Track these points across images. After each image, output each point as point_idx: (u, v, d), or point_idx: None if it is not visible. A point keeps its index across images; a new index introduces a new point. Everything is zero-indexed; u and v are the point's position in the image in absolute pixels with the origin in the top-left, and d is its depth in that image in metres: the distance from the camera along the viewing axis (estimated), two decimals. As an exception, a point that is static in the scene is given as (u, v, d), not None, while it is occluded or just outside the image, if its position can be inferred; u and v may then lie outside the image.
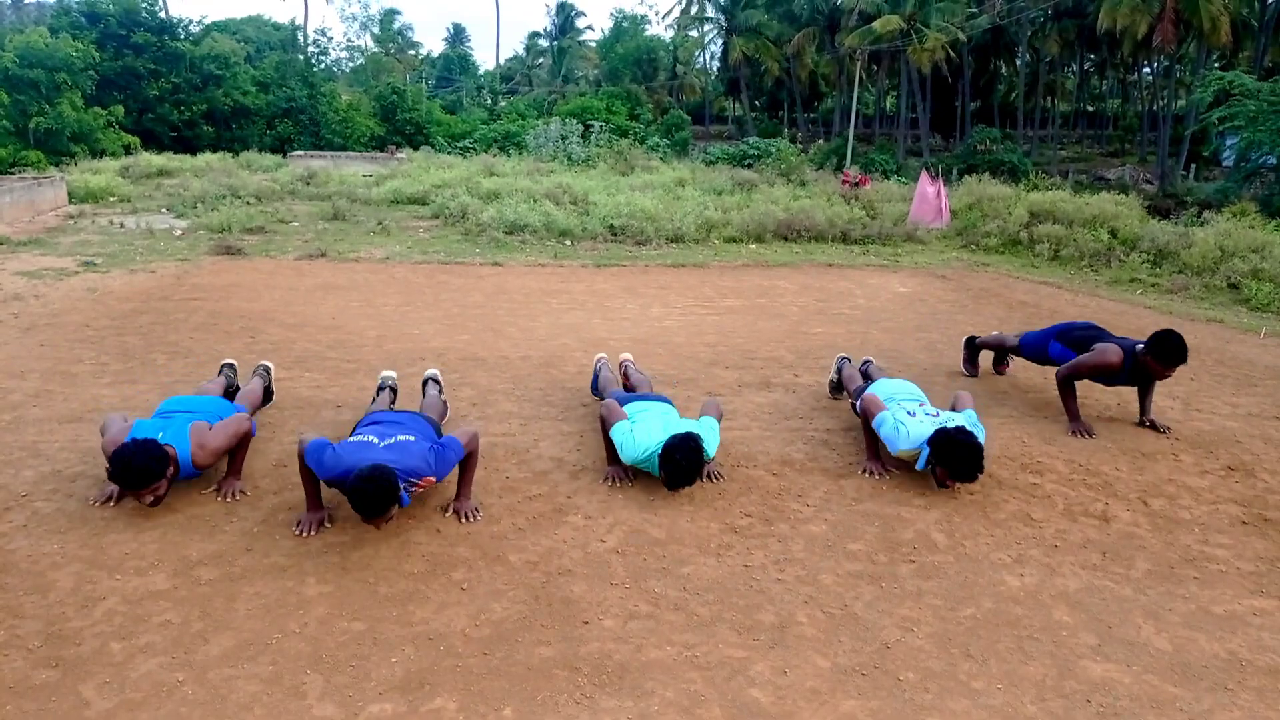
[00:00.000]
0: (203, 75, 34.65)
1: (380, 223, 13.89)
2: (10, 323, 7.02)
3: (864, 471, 4.49)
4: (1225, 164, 37.71)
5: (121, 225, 13.11)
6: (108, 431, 3.89)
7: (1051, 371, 5.62)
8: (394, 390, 5.02)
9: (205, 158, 23.93)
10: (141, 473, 3.54)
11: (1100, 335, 5.34)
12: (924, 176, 15.71)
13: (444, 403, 4.99)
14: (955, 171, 28.34)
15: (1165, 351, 4.82)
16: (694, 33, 61.31)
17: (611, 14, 66.28)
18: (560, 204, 14.95)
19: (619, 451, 4.23)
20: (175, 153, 26.28)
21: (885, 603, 3.29)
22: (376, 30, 69.45)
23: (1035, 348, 5.66)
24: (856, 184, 18.49)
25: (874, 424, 4.46)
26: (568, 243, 12.66)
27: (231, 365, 5.21)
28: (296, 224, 13.73)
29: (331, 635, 2.97)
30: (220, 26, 46.38)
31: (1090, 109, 60.09)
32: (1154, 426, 5.30)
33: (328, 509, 3.78)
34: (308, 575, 3.34)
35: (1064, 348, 5.44)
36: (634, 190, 16.82)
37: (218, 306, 7.83)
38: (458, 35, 74.85)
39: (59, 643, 2.87)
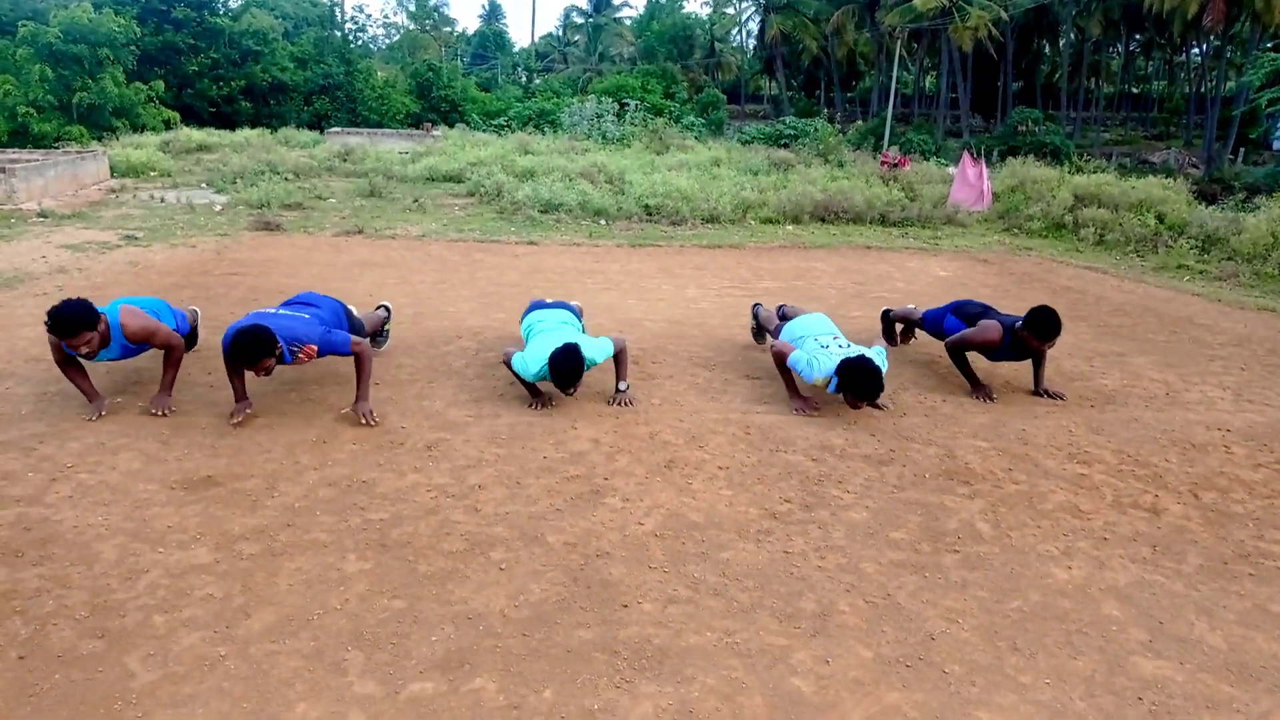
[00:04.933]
0: (241, 51, 34.90)
1: (416, 200, 13.92)
2: (54, 295, 7.10)
3: (795, 410, 5.00)
4: (1276, 148, 36.73)
5: (162, 200, 13.26)
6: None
7: (1099, 357, 5.59)
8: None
9: (244, 133, 24.12)
10: (74, 320, 4.14)
11: (988, 312, 5.58)
12: (965, 158, 15.42)
13: (380, 320, 5.73)
14: (996, 153, 27.85)
15: (1041, 327, 5.10)
16: (730, 10, 60.76)
17: (647, -9, 65.66)
18: (595, 183, 14.88)
19: (520, 375, 4.84)
20: (214, 128, 26.48)
21: (929, 593, 3.23)
22: (412, 7, 69.46)
23: (934, 322, 5.93)
24: (895, 165, 18.21)
25: (789, 363, 5.00)
26: (603, 222, 12.60)
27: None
28: (334, 200, 13.80)
29: (372, 612, 2.97)
30: (259, 2, 46.58)
31: (1135, 90, 58.78)
32: (1049, 394, 5.49)
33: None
34: (348, 552, 3.35)
35: (958, 321, 5.67)
36: (669, 170, 16.69)
37: (257, 282, 7.88)
38: (493, 12, 74.60)
39: (104, 614, 2.90)
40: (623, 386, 5.11)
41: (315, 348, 4.45)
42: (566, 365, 4.59)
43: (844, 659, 2.83)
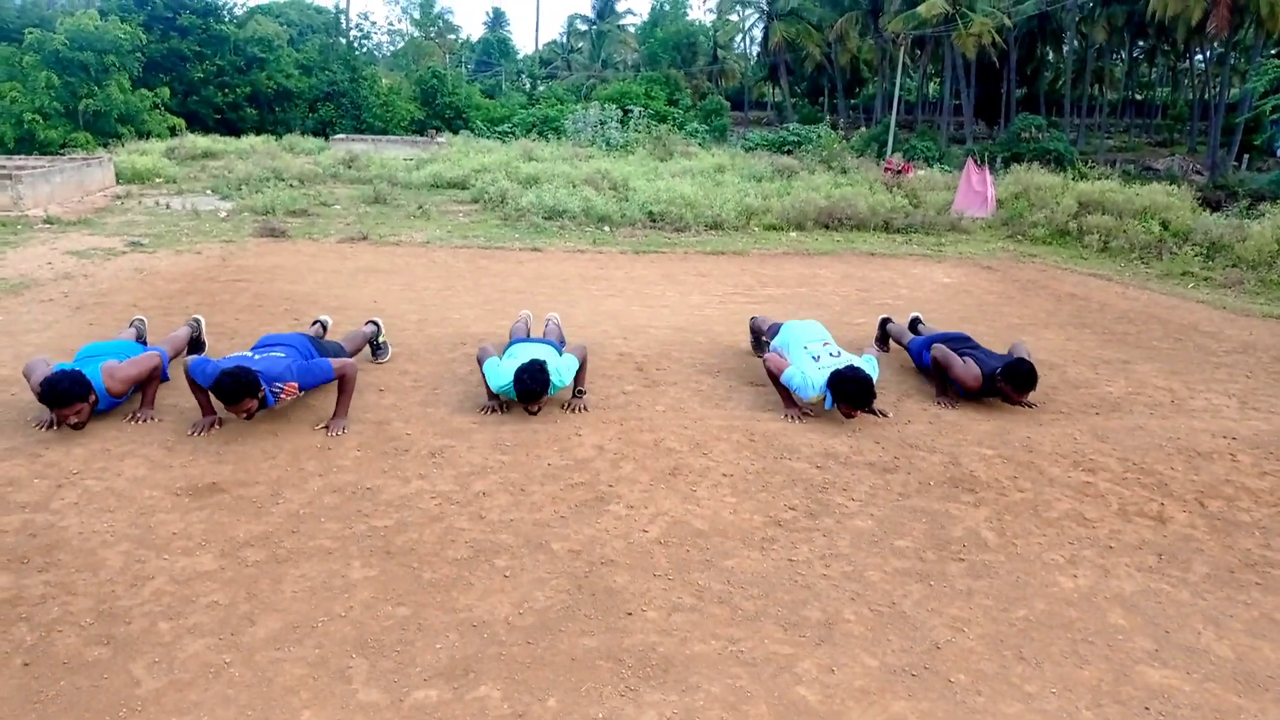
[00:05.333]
0: (247, 58, 34.98)
1: (420, 207, 13.94)
2: (60, 301, 7.14)
3: (786, 417, 5.03)
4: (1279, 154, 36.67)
5: (167, 206, 13.29)
6: (33, 372, 4.45)
7: (1104, 365, 5.59)
8: (325, 327, 5.88)
9: (249, 140, 24.13)
10: (66, 394, 4.19)
11: (971, 347, 5.62)
12: (970, 164, 15.41)
13: (365, 337, 5.66)
14: (999, 159, 27.84)
15: (1017, 381, 5.14)
16: (734, 17, 60.81)
17: (651, -2, 65.90)
18: (599, 189, 14.88)
19: (488, 381, 4.86)
20: (220, 135, 26.53)
21: (935, 602, 3.22)
22: (417, 14, 69.68)
23: (916, 352, 5.91)
24: (899, 172, 18.21)
25: (783, 380, 5.04)
26: (606, 229, 12.62)
27: (141, 320, 5.81)
28: (338, 207, 13.83)
29: (376, 619, 2.97)
30: (264, 9, 46.77)
31: (1139, 97, 58.73)
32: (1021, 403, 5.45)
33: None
34: (353, 559, 3.35)
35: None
36: (673, 176, 16.68)
37: (262, 289, 7.90)
38: (497, 20, 74.83)
39: (110, 620, 2.91)
40: (581, 392, 5.16)
41: (296, 385, 4.51)
42: (530, 384, 4.63)
43: (849, 668, 2.83)
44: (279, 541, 3.45)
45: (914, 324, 6.48)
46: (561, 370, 4.91)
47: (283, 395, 4.48)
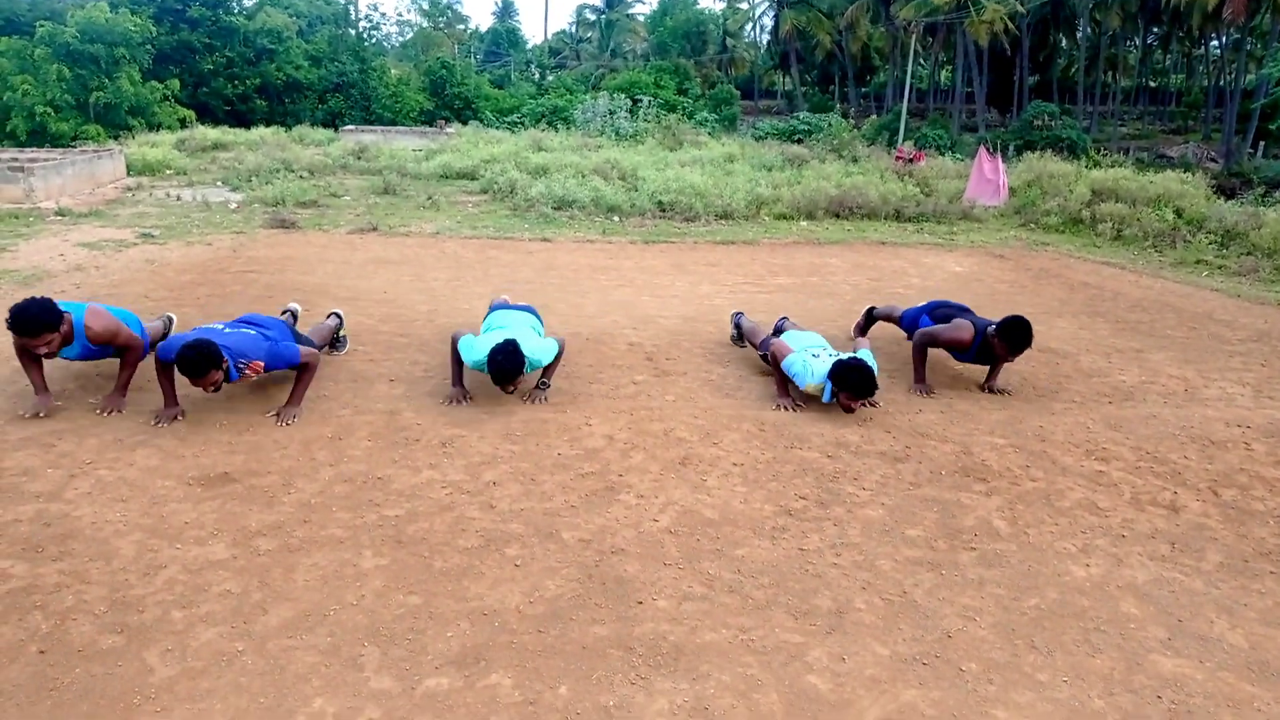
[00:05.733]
0: (256, 49, 34.99)
1: (430, 197, 13.94)
2: (72, 293, 7.16)
3: (776, 406, 5.02)
4: (1296, 141, 36.25)
5: (178, 198, 13.33)
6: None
7: (1117, 354, 5.53)
8: (295, 315, 5.73)
9: (259, 131, 24.19)
10: (34, 321, 4.13)
11: (964, 313, 5.58)
12: (982, 152, 15.30)
13: (331, 330, 5.60)
14: (1012, 147, 27.66)
15: (1012, 337, 5.07)
16: (744, 5, 60.52)
17: (661, -13, 65.50)
18: (609, 179, 14.85)
19: (463, 356, 4.83)
20: (229, 126, 26.58)
21: (946, 590, 3.22)
22: (426, 5, 69.59)
23: (910, 321, 5.91)
24: (910, 160, 18.10)
25: (784, 365, 5.03)
26: (616, 219, 12.59)
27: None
28: (348, 198, 13.85)
29: (388, 608, 2.99)
30: (273, 1, 46.78)
31: (1153, 84, 58.20)
32: (993, 391, 5.46)
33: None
34: (364, 548, 3.36)
35: (932, 322, 5.64)
36: (682, 166, 16.64)
37: (273, 280, 7.92)
38: (506, 10, 74.62)
39: (123, 609, 2.93)
40: (545, 384, 5.11)
41: (261, 364, 4.47)
42: (504, 363, 4.59)
43: (860, 656, 2.82)
44: (291, 531, 3.47)
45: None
46: (540, 351, 4.88)
47: (247, 372, 4.43)
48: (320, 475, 3.96)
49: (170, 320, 5.67)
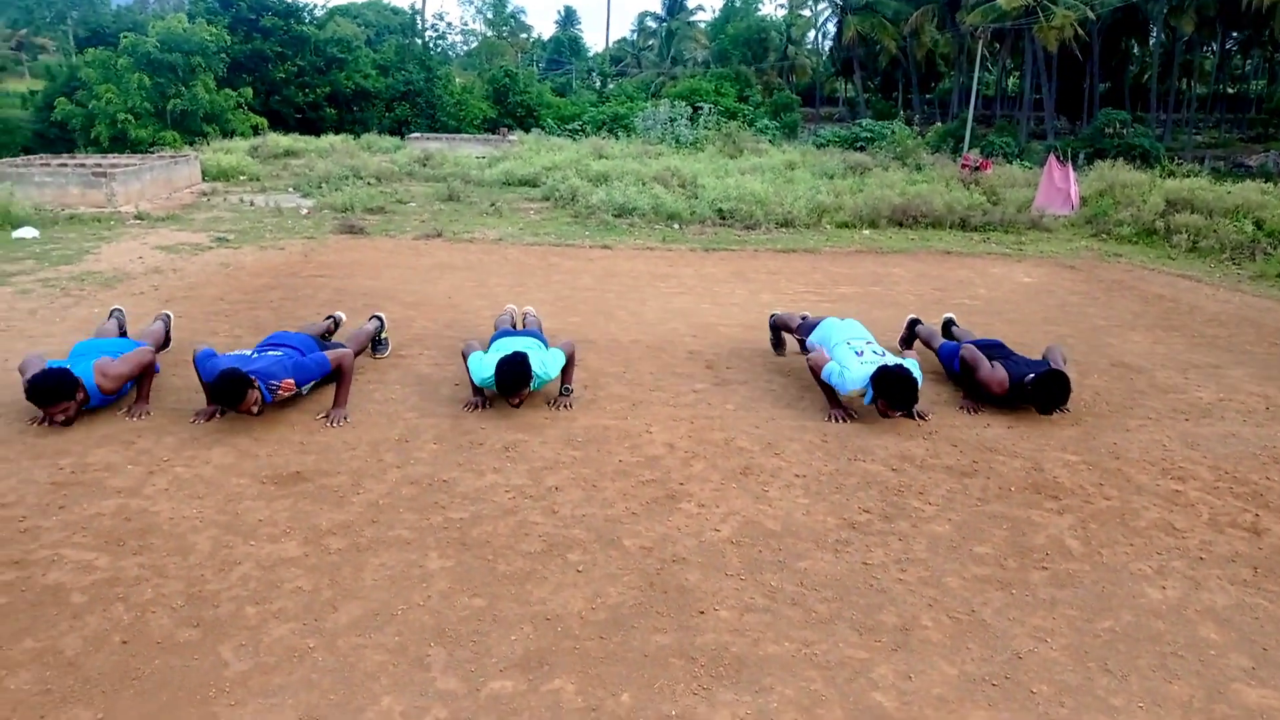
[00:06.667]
0: (326, 58, 35.93)
1: (493, 204, 14.13)
2: (150, 294, 7.43)
3: (829, 417, 4.94)
4: (1387, 150, 34.71)
5: (251, 203, 13.73)
6: (27, 370, 4.47)
7: (1194, 369, 5.39)
8: (337, 323, 6.02)
9: (329, 139, 24.80)
10: (52, 393, 4.27)
11: (1004, 354, 5.41)
12: (1052, 160, 14.97)
13: (369, 334, 5.73)
14: (1082, 156, 26.97)
15: (1044, 397, 4.94)
16: (806, 12, 60.17)
17: (723, -6, 65.46)
18: (669, 187, 14.88)
19: (470, 375, 4.89)
20: (300, 134, 27.32)
21: (1016, 610, 3.14)
22: (490, 14, 70.64)
23: (946, 356, 5.73)
24: (977, 168, 17.78)
25: (823, 376, 4.96)
26: (676, 226, 12.61)
27: (120, 310, 5.88)
28: (414, 204, 14.11)
29: (453, 609, 3.02)
30: (342, 10, 47.97)
31: (1231, 90, 56.24)
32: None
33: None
34: (430, 549, 3.41)
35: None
36: (743, 173, 16.60)
37: (343, 284, 8.10)
38: (568, 18, 75.43)
39: (199, 604, 3.01)
40: (568, 389, 5.12)
41: (292, 380, 4.59)
42: (510, 375, 4.63)
43: (927, 675, 2.77)
44: (360, 530, 3.54)
45: (947, 326, 6.18)
46: (546, 363, 4.89)
47: (280, 392, 4.55)
48: (388, 477, 4.04)
49: (168, 318, 5.84)
